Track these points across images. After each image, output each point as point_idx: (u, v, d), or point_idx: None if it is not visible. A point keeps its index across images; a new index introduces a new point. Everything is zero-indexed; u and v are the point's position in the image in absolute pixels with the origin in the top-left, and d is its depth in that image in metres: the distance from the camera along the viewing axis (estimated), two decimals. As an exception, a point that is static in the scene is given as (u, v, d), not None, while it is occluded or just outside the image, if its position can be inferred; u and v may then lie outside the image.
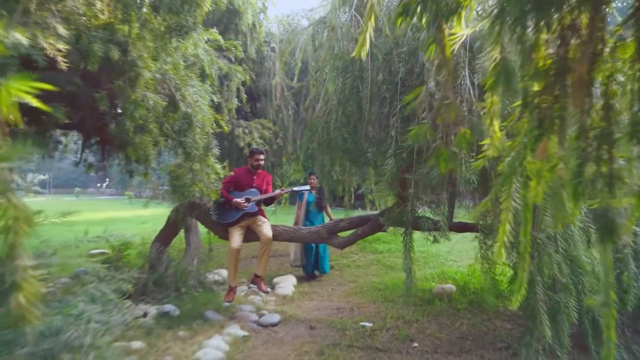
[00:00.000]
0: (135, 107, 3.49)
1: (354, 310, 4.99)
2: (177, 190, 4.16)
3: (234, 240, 4.67)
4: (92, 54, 3.25)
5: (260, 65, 7.12)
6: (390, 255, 8.09)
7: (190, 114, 3.95)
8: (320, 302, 5.42)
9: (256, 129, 6.69)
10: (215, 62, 5.42)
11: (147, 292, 5.44)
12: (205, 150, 4.11)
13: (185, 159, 4.06)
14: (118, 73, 3.54)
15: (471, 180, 2.23)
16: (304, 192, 6.26)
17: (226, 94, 6.14)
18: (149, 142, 3.97)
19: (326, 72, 3.51)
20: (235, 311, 4.91)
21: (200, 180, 4.24)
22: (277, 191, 4.91)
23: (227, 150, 7.51)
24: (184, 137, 3.92)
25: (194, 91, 4.08)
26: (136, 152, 3.98)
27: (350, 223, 4.45)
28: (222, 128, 4.40)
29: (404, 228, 2.87)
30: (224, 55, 6.16)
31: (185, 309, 4.93)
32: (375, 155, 2.97)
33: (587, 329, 2.83)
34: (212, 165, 4.27)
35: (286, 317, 4.76)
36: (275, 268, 7.43)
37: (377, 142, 3.05)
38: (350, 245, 4.70)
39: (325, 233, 4.53)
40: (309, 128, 3.55)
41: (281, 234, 4.84)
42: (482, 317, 4.46)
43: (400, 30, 3.03)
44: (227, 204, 4.75)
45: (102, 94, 3.44)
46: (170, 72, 4.08)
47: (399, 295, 5.39)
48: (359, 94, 3.26)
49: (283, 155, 8.66)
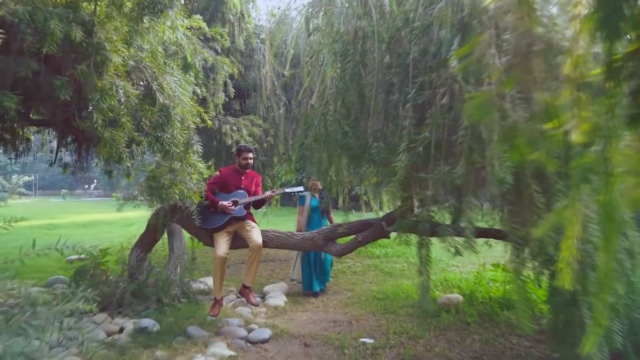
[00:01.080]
0: (102, 97, 3.02)
1: (352, 323, 4.55)
2: (154, 193, 3.69)
3: (220, 248, 4.20)
4: (49, 34, 2.78)
5: (249, 58, 6.66)
6: (388, 261, 7.66)
7: (169, 105, 3.48)
8: (315, 314, 4.97)
9: (245, 126, 6.23)
10: (199, 52, 4.96)
11: (125, 303, 4.95)
12: (186, 147, 3.64)
13: (163, 156, 3.59)
14: (82, 57, 3.07)
15: (506, 180, 1.81)
16: (305, 195, 5.72)
17: (212, 87, 5.67)
18: (122, 137, 3.49)
19: (323, 57, 3.07)
20: (221, 325, 4.44)
21: (180, 181, 3.77)
22: (268, 193, 4.44)
23: (215, 149, 7.05)
24: (161, 132, 3.45)
25: (174, 80, 3.61)
26: (108, 149, 3.48)
27: (350, 228, 4.00)
28: (205, 122, 3.94)
29: (420, 236, 2.43)
30: (209, 46, 5.70)
31: (166, 323, 4.45)
32: (382, 151, 2.53)
33: (629, 353, 2.42)
34: (194, 164, 3.80)
35: (278, 332, 4.30)
36: (265, 275, 6.96)
37: (384, 136, 2.61)
38: (349, 253, 4.25)
39: (322, 239, 4.07)
40: (303, 120, 3.10)
41: (272, 240, 4.38)
42: (494, 332, 4.04)
43: (409, 4, 2.60)
44: (212, 207, 4.28)
45: (63, 80, 2.96)
46: (146, 60, 3.61)
47: (401, 306, 4.96)
48: (361, 81, 2.82)
49: (274, 155, 8.21)
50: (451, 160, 2.14)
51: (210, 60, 5.31)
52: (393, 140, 2.51)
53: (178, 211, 4.48)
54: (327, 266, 5.85)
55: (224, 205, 4.22)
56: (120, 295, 4.97)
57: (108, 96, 3.06)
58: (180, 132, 3.54)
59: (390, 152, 2.52)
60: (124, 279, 5.31)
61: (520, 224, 2.05)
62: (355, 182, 3.76)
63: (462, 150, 2.00)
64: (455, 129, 2.07)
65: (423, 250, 2.40)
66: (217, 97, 5.68)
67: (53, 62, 3.39)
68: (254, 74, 6.58)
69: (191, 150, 3.69)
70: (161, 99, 3.53)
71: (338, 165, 3.25)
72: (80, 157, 6.57)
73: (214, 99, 5.65)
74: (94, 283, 5.26)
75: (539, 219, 1.95)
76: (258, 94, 6.87)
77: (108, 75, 3.12)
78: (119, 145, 3.50)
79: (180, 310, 4.90)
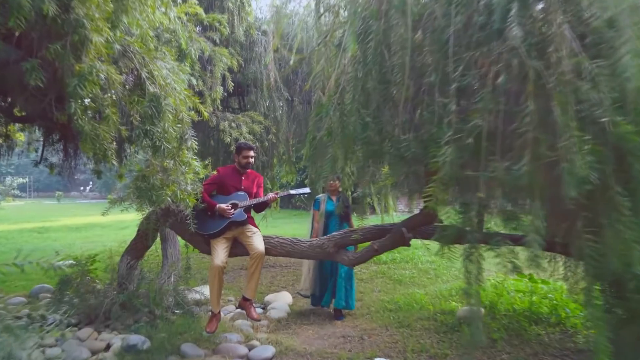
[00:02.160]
0: (80, 82, 2.58)
1: (364, 339, 4.11)
2: (143, 194, 3.25)
3: (217, 256, 3.76)
4: (15, 7, 2.34)
5: (249, 50, 6.22)
6: (396, 267, 7.22)
7: (159, 95, 3.04)
8: (322, 328, 4.53)
9: (245, 123, 5.78)
10: (195, 40, 4.53)
11: (113, 316, 4.51)
12: (179, 143, 3.21)
13: (153, 153, 3.15)
14: (58, 37, 2.63)
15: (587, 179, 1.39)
16: (320, 199, 4.90)
17: (210, 80, 5.24)
18: (106, 132, 3.04)
19: (339, 36, 2.64)
20: (219, 342, 4.00)
21: (173, 182, 3.33)
22: (271, 195, 4.00)
23: (212, 148, 6.62)
24: (151, 125, 3.01)
25: (166, 67, 3.18)
26: (90, 144, 3.04)
27: (365, 235, 3.56)
28: (202, 115, 3.50)
29: (468, 248, 1.98)
30: (207, 37, 5.27)
31: (158, 339, 4.01)
32: (412, 144, 2.10)
33: None
34: (189, 162, 3.36)
35: (282, 350, 3.87)
36: (265, 283, 6.51)
37: (414, 127, 2.18)
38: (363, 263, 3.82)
39: (332, 247, 3.62)
40: (316, 111, 2.67)
41: (276, 247, 3.94)
42: (525, 350, 3.61)
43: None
44: (208, 210, 3.84)
45: (33, 63, 2.52)
46: (134, 44, 3.18)
47: (416, 318, 4.52)
48: (385, 63, 2.39)
49: (274, 155, 7.79)
50: (509, 154, 1.72)
51: (207, 51, 4.88)
52: (427, 131, 2.08)
53: (171, 215, 4.03)
54: (343, 283, 4.76)
55: (222, 209, 3.78)
56: (108, 307, 4.53)
57: (88, 82, 2.62)
58: (172, 125, 3.10)
59: (423, 145, 2.09)
60: (113, 288, 4.87)
61: (596, 235, 1.63)
62: (369, 182, 3.31)
63: (526, 141, 1.58)
64: (515, 115, 1.66)
65: (472, 266, 1.96)
66: (214, 92, 5.24)
67: (27, 44, 2.96)
68: (255, 68, 6.14)
69: (185, 146, 3.25)
70: (151, 88, 3.10)
71: (355, 162, 2.82)
72: (67, 156, 6.11)
73: (212, 93, 5.21)
74: (80, 293, 4.84)
75: (623, 229, 1.53)
76: (259, 89, 6.43)
77: (88, 58, 2.68)
78: (103, 140, 3.06)
79: (173, 323, 4.46)
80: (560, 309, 4.17)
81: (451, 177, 1.76)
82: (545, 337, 3.86)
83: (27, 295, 5.88)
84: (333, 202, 4.87)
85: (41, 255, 8.96)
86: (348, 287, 4.77)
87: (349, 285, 4.78)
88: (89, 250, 9.62)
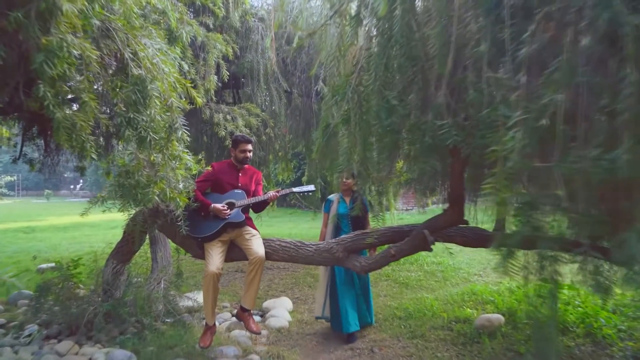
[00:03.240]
0: (47, 58, 2.15)
1: (375, 352, 3.72)
2: (126, 193, 2.83)
3: (212, 262, 3.35)
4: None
5: (245, 38, 5.79)
6: (401, 269, 6.83)
7: (145, 78, 2.62)
8: (326, 339, 4.14)
9: (241, 116, 5.37)
10: (187, 23, 4.10)
11: (96, 327, 4.08)
12: (168, 134, 2.79)
13: (138, 145, 2.73)
14: (20, 3, 2.20)
15: None
16: (332, 199, 4.34)
17: (203, 69, 4.81)
18: (84, 120, 2.61)
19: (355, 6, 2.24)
20: (214, 357, 3.61)
21: (162, 178, 2.91)
22: (271, 193, 3.59)
23: (206, 144, 6.19)
24: (135, 112, 2.59)
25: (152, 45, 2.76)
26: (64, 135, 2.60)
27: (380, 238, 3.17)
28: (195, 101, 3.09)
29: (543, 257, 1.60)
30: (200, 21, 4.85)
31: (146, 354, 3.62)
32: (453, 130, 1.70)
33: None
34: (180, 156, 2.94)
35: (284, 365, 3.48)
36: (263, 287, 6.08)
37: (452, 111, 1.79)
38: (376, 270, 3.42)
39: (342, 252, 3.23)
40: (331, 93, 2.26)
41: (277, 251, 3.54)
42: (556, 365, 3.25)
43: None
44: (202, 210, 3.43)
45: (-11, 33, 2.10)
46: (117, 21, 2.75)
47: (429, 327, 4.13)
48: (413, 35, 1.99)
49: (270, 151, 7.37)
50: (596, 139, 1.34)
51: (200, 36, 4.45)
52: (470, 115, 1.69)
53: (160, 216, 3.62)
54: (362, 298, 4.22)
55: (217, 209, 3.38)
56: (91, 317, 4.10)
57: (57, 59, 2.19)
58: (160, 113, 2.68)
59: (467, 132, 1.70)
60: (97, 295, 4.44)
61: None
62: (387, 178, 2.91)
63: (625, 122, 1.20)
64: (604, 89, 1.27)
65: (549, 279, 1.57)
66: (208, 81, 4.81)
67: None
68: (251, 57, 5.71)
69: (175, 137, 2.82)
70: (135, 70, 2.67)
71: (370, 154, 2.41)
72: (48, 152, 5.66)
73: (205, 82, 4.78)
74: (61, 300, 4.41)
75: None
76: (255, 81, 6.00)
77: (59, 30, 2.25)
78: (80, 131, 2.63)
79: (163, 334, 4.06)
80: (590, 317, 3.80)
81: (519, 170, 1.38)
82: (575, 349, 3.49)
83: (5, 302, 5.43)
84: (346, 203, 4.27)
85: (25, 257, 8.40)
86: (366, 300, 4.27)
87: (366, 298, 4.28)
88: (75, 251, 9.15)
